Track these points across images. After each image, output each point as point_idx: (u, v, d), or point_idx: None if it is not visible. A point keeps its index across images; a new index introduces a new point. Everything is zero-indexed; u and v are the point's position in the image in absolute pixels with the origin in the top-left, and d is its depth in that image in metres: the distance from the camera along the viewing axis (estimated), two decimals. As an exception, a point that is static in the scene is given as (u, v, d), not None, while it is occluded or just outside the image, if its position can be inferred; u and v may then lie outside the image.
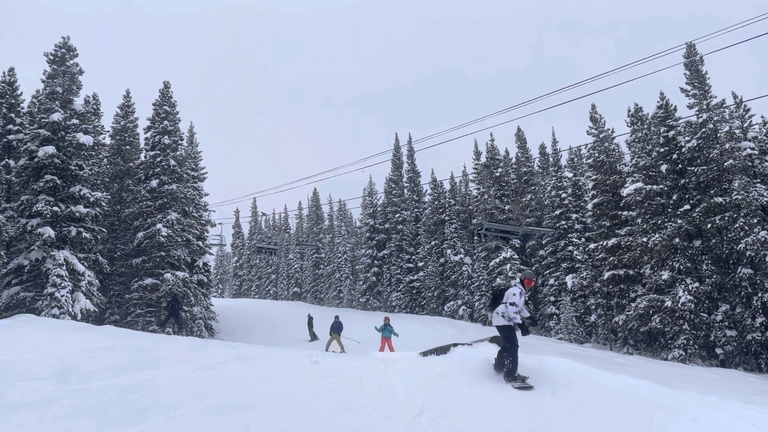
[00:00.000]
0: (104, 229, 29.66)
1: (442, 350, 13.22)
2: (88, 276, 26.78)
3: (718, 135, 28.86)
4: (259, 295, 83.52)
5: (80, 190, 26.90)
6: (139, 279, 31.81)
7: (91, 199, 27.34)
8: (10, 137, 28.46)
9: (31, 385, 7.14)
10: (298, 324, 33.44)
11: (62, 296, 24.12)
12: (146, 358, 10.97)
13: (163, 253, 31.98)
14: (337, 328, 25.60)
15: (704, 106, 29.39)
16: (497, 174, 47.48)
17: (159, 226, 31.64)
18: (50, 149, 26.11)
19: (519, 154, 51.65)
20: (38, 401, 6.24)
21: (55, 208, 25.72)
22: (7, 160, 27.81)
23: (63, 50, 28.94)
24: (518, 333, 9.21)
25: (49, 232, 25.10)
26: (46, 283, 24.58)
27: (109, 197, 32.31)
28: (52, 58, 28.71)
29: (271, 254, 62.82)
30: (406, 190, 58.63)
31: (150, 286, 31.29)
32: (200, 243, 37.49)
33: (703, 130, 29.09)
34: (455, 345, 13.59)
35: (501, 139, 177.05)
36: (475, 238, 46.46)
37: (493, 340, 14.25)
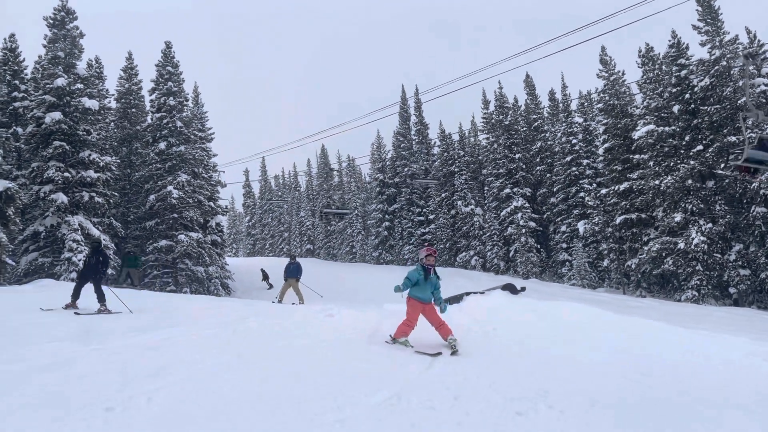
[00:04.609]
0: (116, 193, 29.79)
1: (456, 299, 13.40)
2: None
3: (732, 72, 28.19)
4: (273, 253, 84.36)
5: (89, 155, 26.92)
6: (154, 241, 32.12)
7: (101, 164, 27.38)
8: (16, 104, 28.38)
9: (54, 346, 7.32)
10: (313, 279, 33.86)
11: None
12: (165, 318, 11.21)
13: (175, 215, 32.17)
14: (294, 272, 19.42)
15: (717, 43, 28.62)
16: (506, 122, 46.92)
17: (170, 188, 31.72)
18: (57, 115, 26.03)
19: (528, 101, 50.76)
20: (61, 361, 6.40)
21: (66, 174, 25.82)
22: (15, 127, 27.82)
23: (62, 13, 28.50)
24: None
25: (62, 197, 25.27)
26: (63, 248, 24.89)
27: (119, 161, 32.29)
28: (51, 22, 28.30)
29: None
30: (414, 143, 58.10)
31: (165, 248, 31.63)
32: (212, 204, 37.65)
33: (716, 67, 28.40)
34: (468, 294, 13.77)
35: (509, 87, 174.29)
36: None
37: (505, 287, 14.39)
